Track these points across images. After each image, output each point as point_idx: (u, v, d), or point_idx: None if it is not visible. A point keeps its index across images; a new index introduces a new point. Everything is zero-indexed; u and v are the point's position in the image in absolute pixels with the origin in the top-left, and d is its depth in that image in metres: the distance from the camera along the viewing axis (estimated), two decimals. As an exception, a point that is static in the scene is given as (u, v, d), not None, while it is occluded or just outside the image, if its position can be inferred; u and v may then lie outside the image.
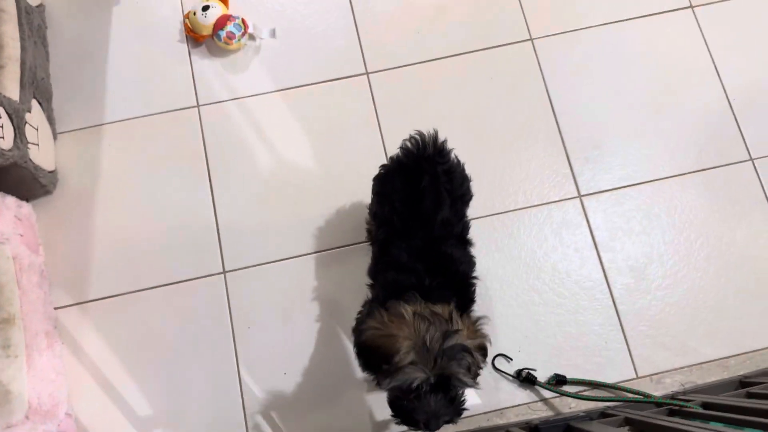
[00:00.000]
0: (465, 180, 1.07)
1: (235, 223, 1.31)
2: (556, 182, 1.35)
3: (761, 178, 1.35)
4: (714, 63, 1.43)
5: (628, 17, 1.46)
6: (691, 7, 1.48)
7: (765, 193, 1.34)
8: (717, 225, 1.32)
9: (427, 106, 1.41)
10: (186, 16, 1.41)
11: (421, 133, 1.04)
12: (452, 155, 1.06)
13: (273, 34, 1.44)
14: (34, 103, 1.29)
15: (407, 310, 0.86)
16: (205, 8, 1.38)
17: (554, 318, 1.25)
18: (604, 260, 1.29)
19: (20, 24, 1.28)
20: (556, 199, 1.34)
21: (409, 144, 1.03)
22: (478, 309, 1.03)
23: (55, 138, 1.36)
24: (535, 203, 1.33)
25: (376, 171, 1.11)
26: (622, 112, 1.40)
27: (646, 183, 1.34)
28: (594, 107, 1.40)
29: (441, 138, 1.05)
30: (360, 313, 1.03)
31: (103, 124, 1.38)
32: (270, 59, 1.43)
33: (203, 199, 1.32)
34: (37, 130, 1.27)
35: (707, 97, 1.41)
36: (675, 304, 1.27)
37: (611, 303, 1.27)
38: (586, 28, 1.46)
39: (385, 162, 1.10)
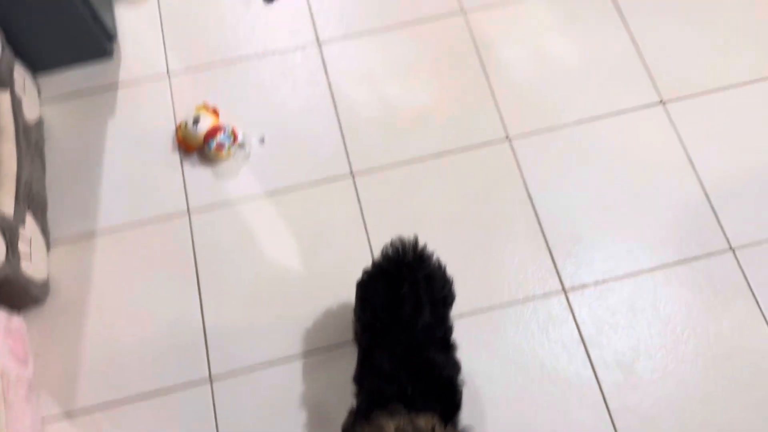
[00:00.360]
0: (446, 283, 1.09)
1: (223, 327, 1.32)
2: (540, 277, 1.37)
3: (742, 267, 1.37)
4: (688, 155, 1.48)
5: (601, 114, 1.53)
6: (662, 103, 1.54)
7: (747, 282, 1.36)
8: (702, 316, 1.33)
9: (411, 206, 1.45)
10: (178, 128, 1.48)
11: (401, 240, 1.07)
12: (433, 258, 1.09)
13: (262, 141, 1.50)
14: (29, 216, 1.33)
15: (390, 426, 0.86)
16: (196, 120, 1.45)
17: (545, 417, 1.24)
18: (592, 356, 1.29)
19: (18, 142, 1.34)
20: (541, 295, 1.35)
21: (389, 251, 1.06)
22: (466, 412, 1.03)
23: (48, 248, 1.39)
24: (520, 299, 1.35)
25: (362, 270, 1.13)
26: (601, 205, 1.44)
27: (628, 276, 1.36)
28: (573, 202, 1.44)
29: (422, 241, 1.08)
30: (345, 422, 1.03)
31: (95, 232, 1.42)
32: (259, 165, 1.49)
33: (191, 304, 1.34)
34: (30, 242, 1.30)
35: (684, 189, 1.45)
36: (666, 399, 1.26)
37: (602, 400, 1.25)
38: (561, 126, 1.52)
39: (371, 262, 1.13)
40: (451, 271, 1.13)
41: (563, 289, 1.36)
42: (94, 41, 1.52)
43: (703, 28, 1.62)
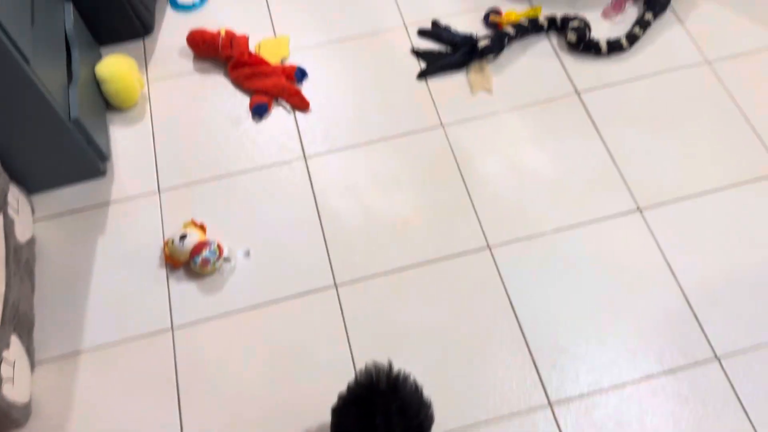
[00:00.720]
0: (422, 408, 1.08)
1: (204, 450, 1.31)
2: (525, 391, 1.35)
3: (729, 376, 1.36)
4: (667, 262, 1.50)
5: (579, 222, 1.56)
6: (639, 210, 1.58)
7: (735, 392, 1.34)
8: (690, 429, 1.30)
9: (394, 316, 1.45)
10: (165, 244, 1.52)
11: (375, 365, 1.07)
12: (409, 381, 1.09)
13: (247, 254, 1.54)
14: (14, 337, 1.34)
15: None
16: (183, 237, 1.49)
17: None
18: (579, 475, 1.26)
19: (7, 264, 1.38)
20: (526, 410, 1.33)
21: (362, 377, 1.06)
22: None
23: (32, 369, 1.39)
24: (505, 415, 1.33)
25: (344, 387, 1.13)
26: (583, 315, 1.44)
27: (613, 388, 1.35)
28: (556, 312, 1.45)
29: (403, 355, 1.10)
30: None
31: (80, 351, 1.43)
32: (243, 278, 1.51)
33: (171, 426, 1.33)
34: (14, 365, 1.31)
35: (665, 297, 1.46)
36: None
37: None
38: (540, 234, 1.55)
39: (346, 386, 1.13)
40: (433, 385, 1.13)
41: (549, 403, 1.34)
42: (88, 163, 1.59)
43: (675, 136, 1.68)
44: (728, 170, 1.62)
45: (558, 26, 1.84)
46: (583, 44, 1.79)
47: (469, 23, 1.91)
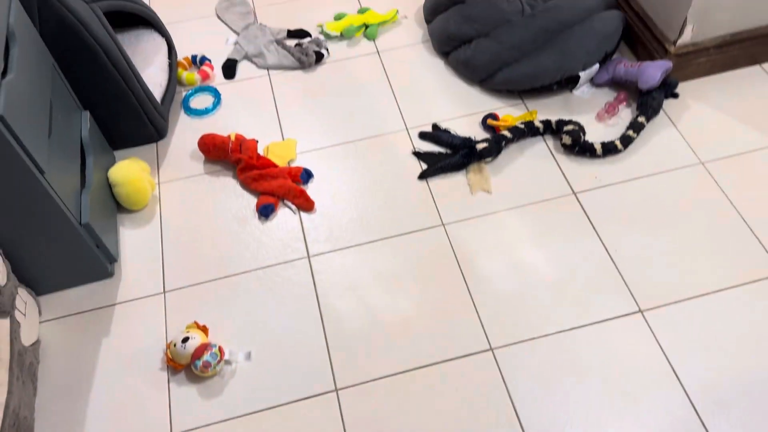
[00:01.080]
0: None
1: None
2: (529, 503, 1.32)
3: (741, 489, 1.31)
4: (671, 366, 1.48)
5: (580, 324, 1.56)
6: (640, 311, 1.58)
7: (748, 506, 1.29)
8: None
9: (395, 423, 1.43)
10: (167, 347, 1.53)
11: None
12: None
13: (248, 357, 1.54)
14: (12, 445, 1.34)
15: None
16: (185, 340, 1.50)
17: None
18: None
19: (11, 369, 1.39)
20: None
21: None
22: None
23: (28, 477, 1.38)
24: None
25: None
26: (587, 421, 1.41)
27: (621, 502, 1.31)
28: (560, 418, 1.42)
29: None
30: None
31: (77, 458, 1.41)
32: (243, 382, 1.51)
33: None
34: (9, 474, 1.29)
35: (670, 402, 1.43)
36: None
37: None
38: (542, 336, 1.54)
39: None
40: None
41: None
42: (97, 266, 1.63)
43: (673, 236, 1.70)
44: (728, 271, 1.63)
45: (553, 129, 1.91)
46: (578, 147, 1.85)
47: (467, 127, 1.99)
